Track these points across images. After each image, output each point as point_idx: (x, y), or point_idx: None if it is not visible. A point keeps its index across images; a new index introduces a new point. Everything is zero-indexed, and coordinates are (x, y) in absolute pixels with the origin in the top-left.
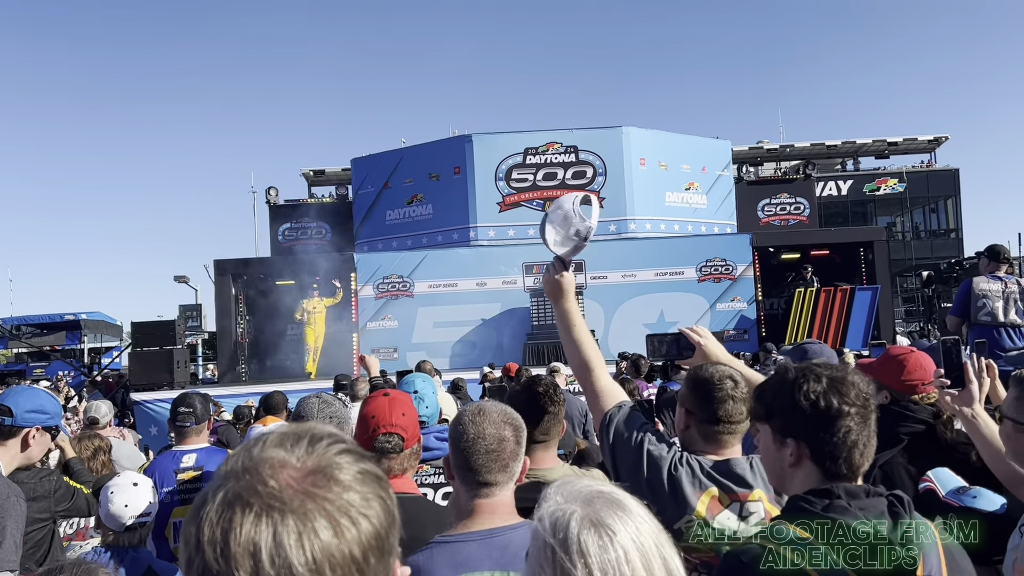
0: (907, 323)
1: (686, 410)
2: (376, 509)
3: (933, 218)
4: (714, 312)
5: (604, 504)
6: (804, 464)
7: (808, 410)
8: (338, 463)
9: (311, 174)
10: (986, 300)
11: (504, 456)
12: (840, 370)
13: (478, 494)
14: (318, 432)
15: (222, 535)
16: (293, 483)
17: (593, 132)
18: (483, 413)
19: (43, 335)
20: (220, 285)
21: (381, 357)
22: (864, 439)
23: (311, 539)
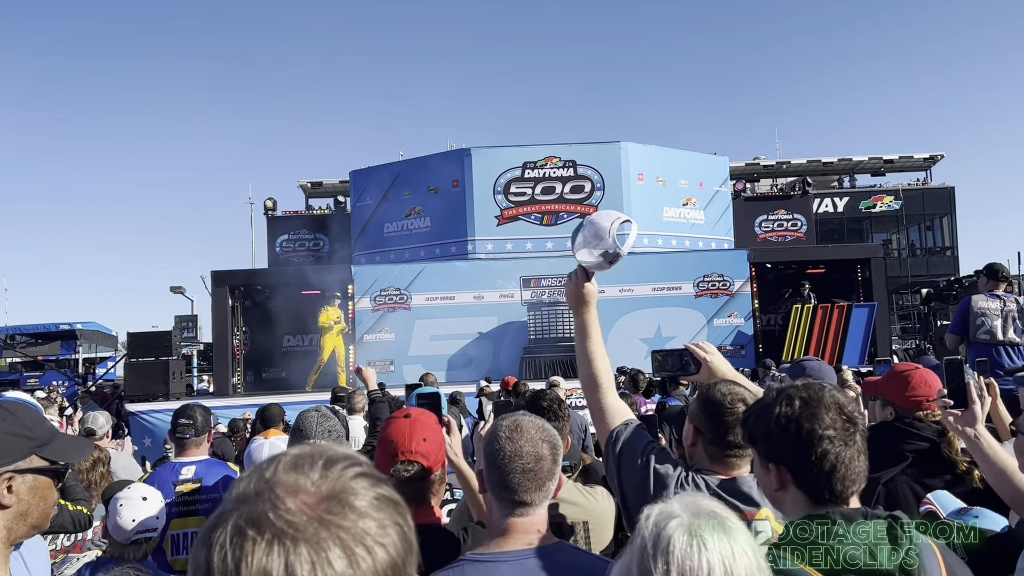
0: (903, 340)
1: (695, 428)
2: (393, 537)
3: (929, 236)
4: (711, 327)
5: (709, 519)
6: (790, 489)
7: (782, 435)
8: (354, 488)
9: (308, 186)
10: (985, 318)
11: (541, 475)
12: (817, 390)
13: (513, 513)
14: (333, 454)
15: (233, 563)
16: (307, 509)
17: (591, 147)
18: (520, 429)
19: (37, 344)
20: (217, 296)
21: (378, 369)
22: (846, 461)
23: (324, 569)
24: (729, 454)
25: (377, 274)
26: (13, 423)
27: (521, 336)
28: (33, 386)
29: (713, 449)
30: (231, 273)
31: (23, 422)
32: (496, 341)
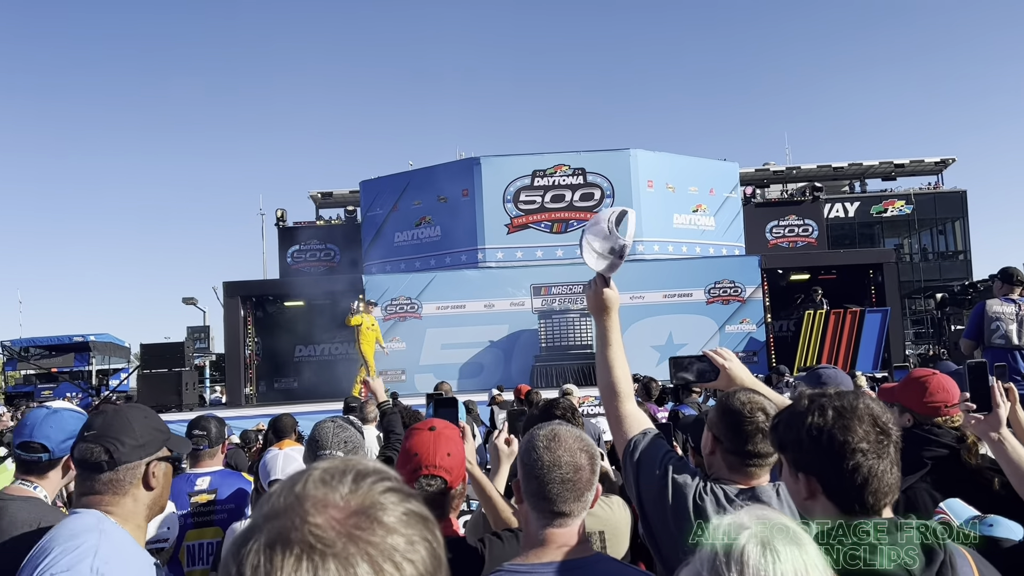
0: (917, 345)
1: (713, 436)
2: (422, 553)
3: (941, 240)
4: (723, 334)
5: (780, 532)
6: (819, 499)
7: (813, 445)
8: (383, 503)
9: (319, 196)
10: (999, 323)
11: (580, 485)
12: (851, 400)
13: (551, 523)
14: (363, 468)
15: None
16: (336, 524)
17: (601, 154)
18: (558, 439)
19: (52, 356)
20: (229, 307)
21: (389, 379)
22: (879, 472)
23: None
24: (748, 463)
25: (388, 283)
26: (154, 419)
27: (532, 344)
28: (47, 398)
29: (732, 458)
30: (243, 284)
31: (158, 418)
32: (507, 349)
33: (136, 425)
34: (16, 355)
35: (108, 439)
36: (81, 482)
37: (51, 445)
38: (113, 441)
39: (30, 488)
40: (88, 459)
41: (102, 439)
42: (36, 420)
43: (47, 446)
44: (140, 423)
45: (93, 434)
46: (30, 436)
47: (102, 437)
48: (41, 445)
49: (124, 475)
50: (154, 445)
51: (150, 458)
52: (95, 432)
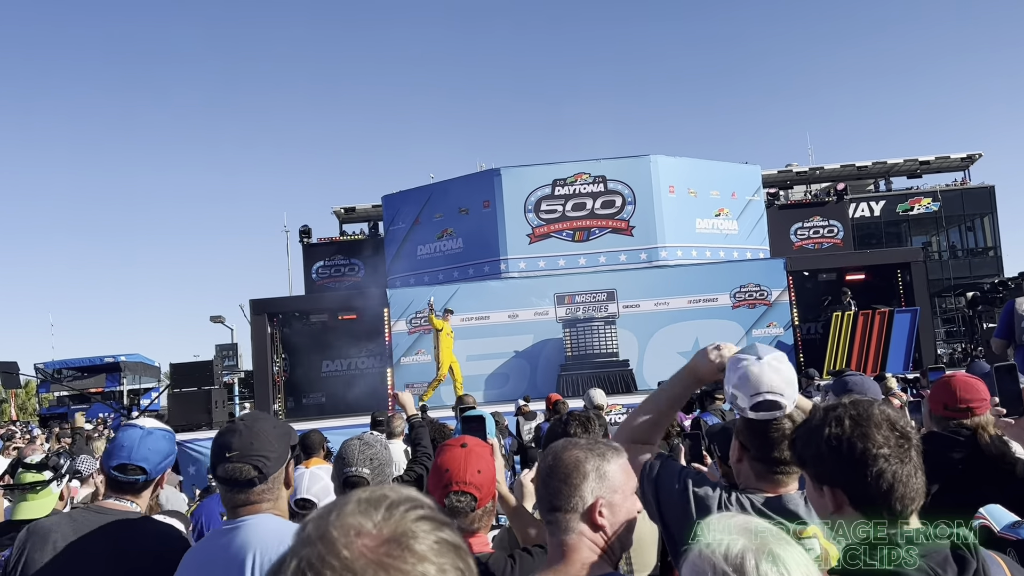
0: (948, 344)
1: (740, 444)
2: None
3: (970, 236)
4: (750, 338)
5: (771, 537)
6: (846, 511)
7: (835, 456)
8: (414, 531)
9: (342, 212)
10: None
11: None
12: (866, 407)
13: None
14: (396, 497)
15: None
16: (367, 552)
17: (621, 161)
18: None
19: (84, 378)
20: (256, 324)
21: (415, 392)
22: (903, 479)
23: None
24: (775, 471)
25: (412, 296)
26: (280, 426)
27: (557, 353)
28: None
29: (759, 466)
30: (269, 301)
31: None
32: (532, 359)
33: (272, 438)
34: (49, 377)
35: (254, 458)
36: (232, 495)
37: (149, 467)
38: (259, 459)
39: (129, 505)
40: (239, 478)
41: (248, 458)
42: (133, 442)
43: (146, 468)
44: (273, 435)
45: (236, 455)
46: (128, 459)
47: (247, 456)
48: (140, 468)
49: (273, 483)
50: (285, 448)
51: (286, 462)
52: (238, 452)
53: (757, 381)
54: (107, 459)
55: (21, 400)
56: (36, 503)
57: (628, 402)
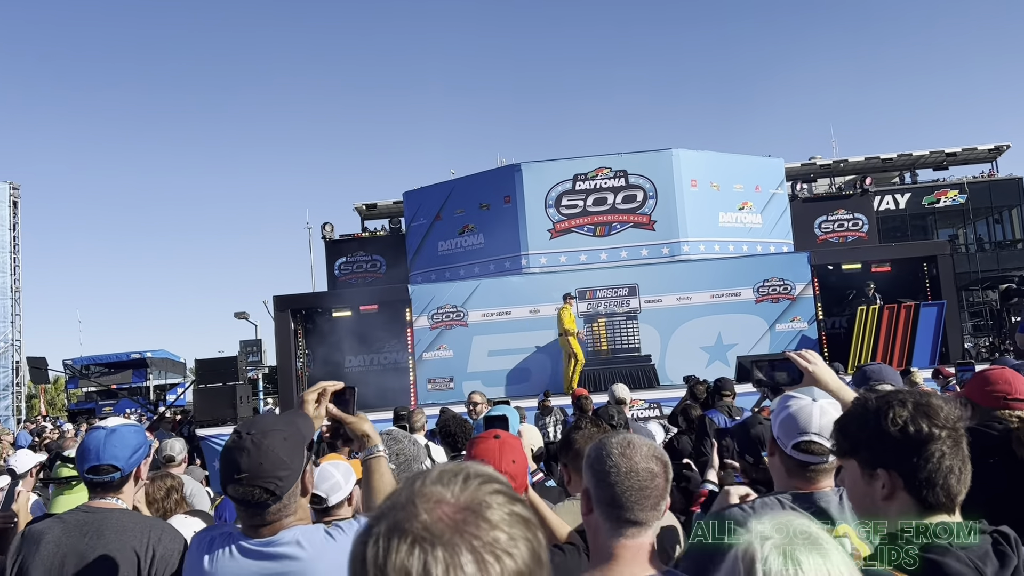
0: (976, 338)
1: (773, 438)
2: (522, 550)
3: (998, 229)
4: (773, 333)
5: (802, 539)
6: (898, 496)
7: (897, 436)
8: (488, 502)
9: (364, 208)
10: None
11: (656, 493)
12: (924, 395)
13: (624, 534)
14: (473, 471)
15: (383, 558)
16: (445, 518)
17: (642, 155)
18: (632, 446)
19: (111, 374)
20: (280, 320)
21: (437, 387)
22: (959, 464)
23: (456, 571)
24: (809, 466)
25: (433, 292)
26: (292, 433)
27: None
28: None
29: (791, 462)
30: (292, 297)
31: (292, 427)
32: (554, 355)
33: (283, 454)
34: (77, 373)
35: (264, 479)
36: (247, 515)
37: (120, 464)
38: (270, 480)
39: (113, 502)
40: (250, 500)
41: (258, 480)
42: (99, 443)
43: (117, 465)
44: (284, 450)
45: (246, 477)
46: (98, 460)
47: (257, 478)
48: (111, 466)
49: (288, 499)
50: (300, 457)
51: (302, 471)
52: (247, 475)
53: (807, 422)
54: (79, 463)
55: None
56: (71, 497)
57: (650, 397)
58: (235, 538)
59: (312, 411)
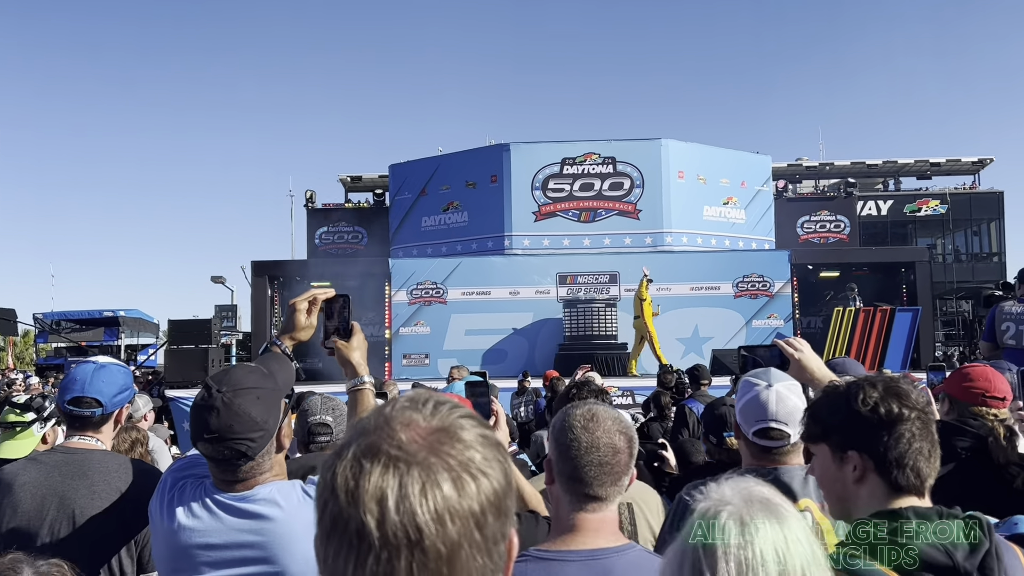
0: (947, 346)
1: (737, 422)
2: (496, 471)
3: (975, 241)
4: (750, 328)
5: (761, 506)
6: (869, 478)
7: (868, 417)
8: (461, 424)
9: (348, 180)
10: (1010, 324)
11: (618, 468)
12: (893, 378)
13: (584, 508)
14: (441, 398)
15: (354, 482)
16: (419, 439)
17: (632, 143)
18: (596, 420)
19: (82, 331)
20: (257, 286)
21: (412, 363)
22: (928, 446)
23: (434, 490)
24: (772, 450)
25: (414, 268)
26: (266, 392)
27: (556, 333)
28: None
29: (755, 447)
30: (271, 264)
31: (267, 381)
32: (531, 337)
33: (256, 414)
34: (47, 328)
35: (235, 441)
36: (221, 471)
37: (104, 400)
38: (241, 442)
39: (92, 442)
40: (219, 459)
41: (228, 442)
42: (86, 375)
43: (100, 401)
44: (258, 409)
45: (215, 436)
46: (82, 392)
47: (227, 440)
48: (95, 400)
49: (261, 458)
50: (276, 415)
51: (278, 427)
52: (216, 435)
53: (763, 409)
54: (61, 395)
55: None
56: (16, 443)
57: (624, 385)
58: (208, 490)
59: (303, 321)
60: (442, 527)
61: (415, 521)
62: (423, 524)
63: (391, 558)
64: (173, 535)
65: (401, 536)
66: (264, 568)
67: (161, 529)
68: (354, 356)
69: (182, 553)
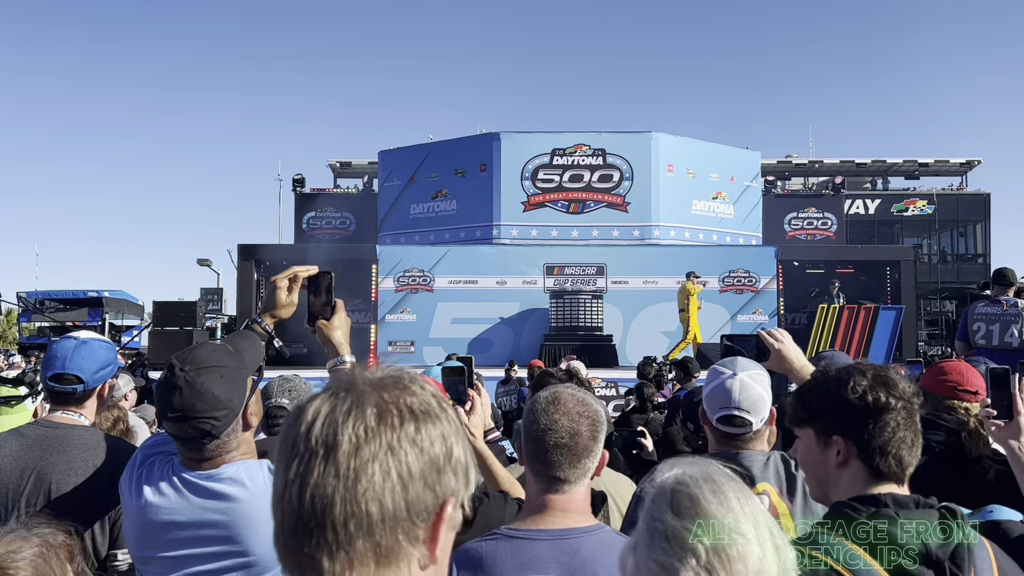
0: (929, 346)
1: (703, 410)
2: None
3: (961, 242)
4: (734, 323)
5: (725, 478)
6: (851, 463)
7: (856, 404)
8: (413, 378)
9: (337, 165)
10: (981, 324)
11: (576, 451)
12: (883, 367)
13: (550, 489)
14: (414, 373)
15: (305, 405)
16: (368, 382)
17: (622, 136)
18: (557, 402)
19: (66, 310)
20: (243, 270)
21: (398, 350)
22: (911, 436)
23: (358, 415)
24: (735, 437)
25: (401, 255)
26: (230, 371)
27: (542, 323)
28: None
29: (718, 433)
30: (257, 247)
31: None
32: (517, 327)
33: (219, 393)
34: (31, 307)
35: (199, 420)
36: (187, 450)
37: (85, 376)
38: (205, 421)
39: (75, 417)
40: (184, 437)
41: (192, 421)
42: (67, 352)
43: (81, 377)
44: (222, 388)
45: (178, 415)
46: (63, 368)
47: (190, 419)
48: (76, 377)
49: (227, 437)
50: (241, 393)
51: (243, 407)
52: (179, 414)
53: (727, 396)
54: (44, 371)
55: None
56: (9, 418)
57: (608, 376)
58: (176, 468)
59: (283, 299)
60: (356, 442)
61: (334, 432)
62: (339, 435)
63: (309, 460)
64: (141, 512)
65: (319, 442)
66: (228, 547)
67: (130, 506)
68: (335, 335)
69: (150, 530)
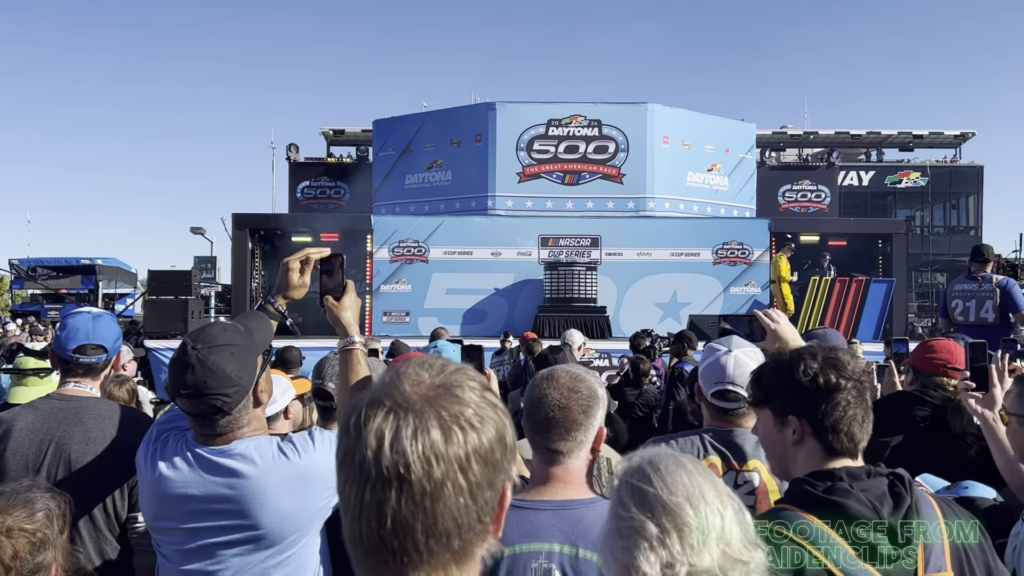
0: (920, 318)
1: (698, 386)
2: (488, 429)
3: (953, 214)
4: (727, 295)
5: (671, 461)
6: (807, 441)
7: (807, 386)
8: (462, 384)
9: (331, 133)
10: (958, 301)
11: (565, 424)
12: (831, 349)
13: (548, 460)
14: (454, 364)
15: (364, 423)
16: (420, 392)
17: (618, 107)
18: (551, 379)
19: (58, 278)
20: (237, 239)
21: (392, 320)
22: (862, 413)
23: (423, 435)
24: (728, 411)
25: (396, 225)
26: (240, 348)
27: (536, 295)
28: (53, 318)
29: (712, 407)
30: (251, 216)
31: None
32: (511, 298)
33: (230, 370)
34: (23, 274)
35: (210, 396)
36: (200, 426)
37: (108, 345)
38: (216, 397)
39: (87, 389)
40: (197, 413)
41: (204, 398)
42: (88, 324)
43: (105, 347)
44: (233, 366)
45: (191, 392)
46: (87, 339)
47: (202, 396)
48: (100, 347)
49: (238, 413)
50: (251, 371)
51: (253, 384)
52: (192, 390)
53: (722, 371)
54: (66, 344)
55: None
56: (35, 389)
57: (602, 347)
58: (189, 443)
59: (296, 280)
60: (428, 467)
61: (405, 459)
62: (411, 462)
63: (384, 488)
64: (156, 484)
65: (392, 471)
66: (238, 521)
67: (146, 478)
68: (345, 315)
69: (165, 502)
